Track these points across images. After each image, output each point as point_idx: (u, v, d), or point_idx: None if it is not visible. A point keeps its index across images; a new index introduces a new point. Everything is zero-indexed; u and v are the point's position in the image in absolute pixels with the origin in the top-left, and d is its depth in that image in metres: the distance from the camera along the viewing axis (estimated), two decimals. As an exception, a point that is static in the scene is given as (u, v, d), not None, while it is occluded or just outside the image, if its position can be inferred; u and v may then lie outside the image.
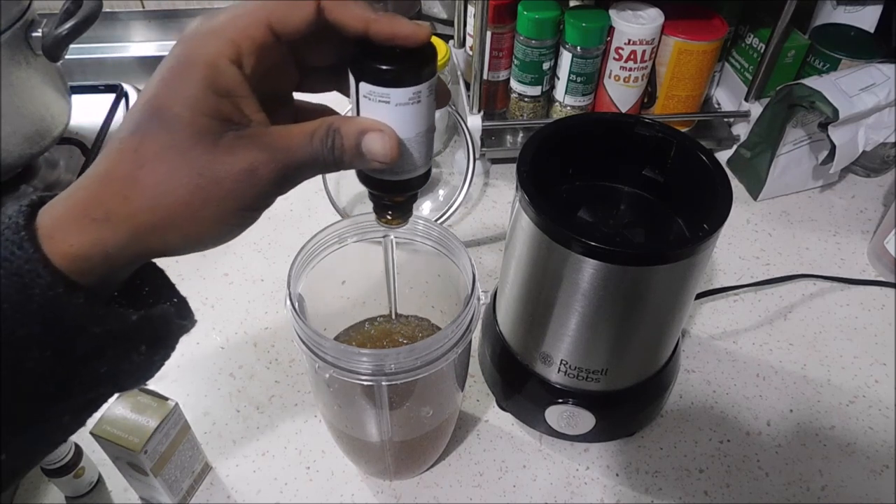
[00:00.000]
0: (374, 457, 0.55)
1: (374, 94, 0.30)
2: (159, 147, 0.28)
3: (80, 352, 0.28)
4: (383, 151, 0.31)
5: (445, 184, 0.85)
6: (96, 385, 0.30)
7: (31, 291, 0.27)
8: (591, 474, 0.59)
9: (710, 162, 0.52)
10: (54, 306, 0.27)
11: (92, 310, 0.28)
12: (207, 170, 0.28)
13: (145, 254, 0.30)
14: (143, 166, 0.28)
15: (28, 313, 0.27)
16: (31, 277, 0.27)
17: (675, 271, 0.48)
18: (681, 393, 0.65)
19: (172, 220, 0.28)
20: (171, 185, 0.28)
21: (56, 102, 0.78)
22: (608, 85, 0.84)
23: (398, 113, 0.31)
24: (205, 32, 0.28)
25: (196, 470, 0.57)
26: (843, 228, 0.83)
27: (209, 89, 0.28)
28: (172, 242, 0.29)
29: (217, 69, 0.28)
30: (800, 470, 0.60)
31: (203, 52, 0.28)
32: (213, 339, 0.69)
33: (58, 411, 0.29)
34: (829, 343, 0.70)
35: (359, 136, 0.30)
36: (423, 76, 0.30)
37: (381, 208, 0.37)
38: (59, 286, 0.27)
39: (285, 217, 0.81)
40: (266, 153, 0.29)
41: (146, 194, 0.28)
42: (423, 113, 0.31)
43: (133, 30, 1.03)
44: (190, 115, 0.27)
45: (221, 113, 0.28)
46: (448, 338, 0.44)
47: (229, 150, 0.28)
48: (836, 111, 0.73)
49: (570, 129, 0.56)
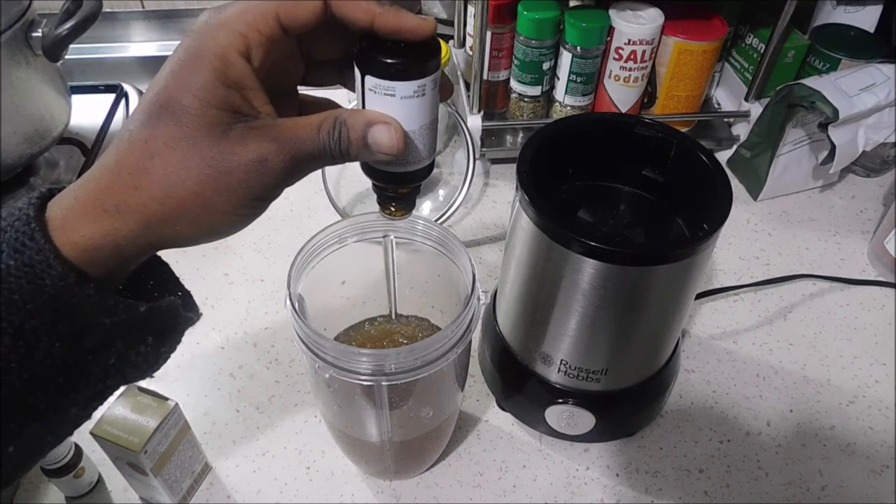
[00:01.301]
0: (374, 457, 0.55)
1: (380, 87, 0.30)
2: (170, 138, 0.28)
3: (90, 343, 0.28)
4: (389, 143, 0.31)
5: (445, 184, 0.85)
6: (105, 377, 0.30)
7: (42, 282, 0.27)
8: (591, 474, 0.59)
9: (710, 162, 0.52)
10: (65, 297, 0.27)
11: (102, 301, 0.28)
12: (218, 160, 0.28)
13: (156, 244, 0.30)
14: (153, 157, 0.28)
15: (39, 304, 0.27)
16: (42, 268, 0.27)
17: (675, 271, 0.48)
18: (681, 393, 0.65)
19: (183, 210, 0.29)
20: (182, 175, 0.28)
21: (56, 102, 0.78)
22: (608, 85, 0.84)
23: (403, 106, 0.31)
24: (214, 25, 0.28)
25: (196, 470, 0.57)
26: (843, 228, 0.83)
27: (219, 81, 0.28)
28: (183, 232, 0.30)
29: (226, 61, 0.28)
30: (800, 470, 0.60)
31: (212, 45, 0.28)
32: (213, 339, 0.69)
33: (66, 403, 0.29)
34: (829, 343, 0.70)
35: (365, 129, 0.31)
36: (428, 70, 0.31)
37: (385, 200, 0.37)
38: (69, 277, 0.27)
39: (285, 217, 0.81)
40: (276, 144, 0.29)
41: (157, 185, 0.28)
42: (427, 106, 0.32)
43: (133, 30, 1.03)
44: (200, 107, 0.28)
45: (231, 105, 0.28)
46: (448, 338, 0.44)
47: (239, 141, 0.28)
48: (836, 111, 0.73)
49: (570, 129, 0.56)
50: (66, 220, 0.28)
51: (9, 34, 0.68)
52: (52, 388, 0.28)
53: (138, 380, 0.33)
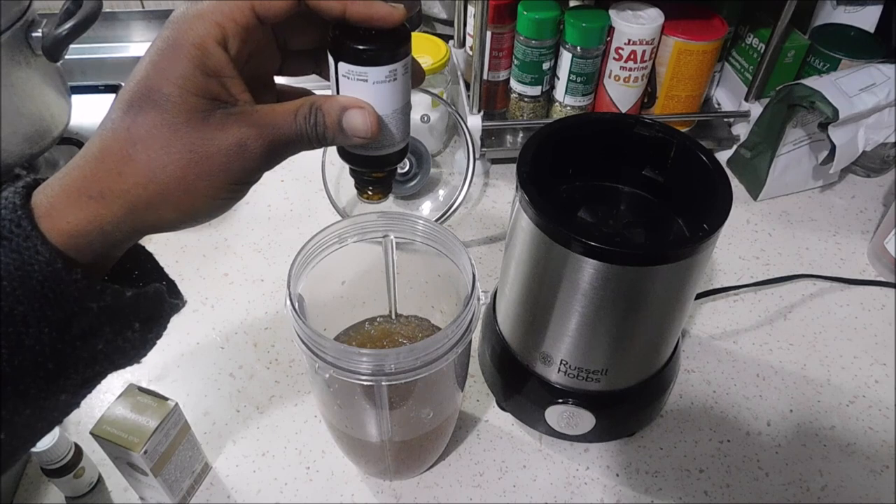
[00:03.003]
0: (374, 457, 0.55)
1: (353, 73, 0.32)
2: (151, 125, 0.29)
3: (78, 328, 0.29)
4: (364, 127, 0.32)
5: (445, 184, 0.85)
6: (93, 362, 0.31)
7: (31, 268, 0.27)
8: (591, 474, 0.59)
9: (710, 162, 0.52)
10: (53, 282, 0.28)
11: (90, 286, 0.29)
12: (199, 145, 0.29)
13: (141, 229, 0.31)
14: (136, 144, 0.29)
15: (28, 290, 0.27)
16: (30, 254, 0.27)
17: (675, 271, 0.48)
18: (681, 393, 0.65)
19: (166, 194, 0.30)
20: (164, 160, 0.29)
21: (56, 102, 0.78)
22: (608, 85, 0.84)
23: (376, 90, 0.32)
24: (192, 16, 0.29)
25: (196, 470, 0.57)
26: (843, 228, 0.83)
27: (198, 70, 0.29)
28: (167, 217, 0.30)
29: (205, 50, 0.29)
30: (800, 470, 0.60)
31: (190, 35, 0.29)
32: (213, 339, 0.69)
33: (56, 389, 0.30)
34: (829, 343, 0.70)
35: (340, 113, 0.32)
36: (398, 55, 0.32)
37: (363, 184, 0.38)
38: (57, 262, 0.28)
39: (285, 217, 0.81)
40: (254, 129, 0.30)
41: (140, 170, 0.29)
42: (399, 90, 0.33)
43: (133, 30, 1.03)
44: (180, 95, 0.29)
45: (210, 92, 0.29)
46: (448, 338, 0.44)
47: (219, 127, 0.29)
48: (836, 111, 0.73)
49: (570, 129, 0.56)
50: (52, 207, 0.29)
51: (9, 34, 0.68)
52: (41, 374, 0.29)
53: (125, 366, 0.33)
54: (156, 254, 0.36)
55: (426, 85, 0.81)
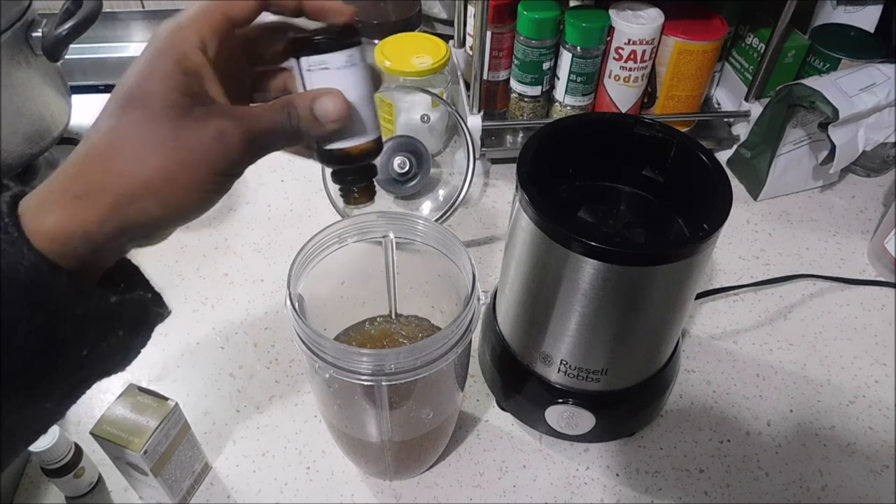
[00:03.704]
0: (374, 457, 0.55)
1: (314, 63, 0.34)
2: (135, 121, 0.30)
3: (63, 334, 0.29)
4: (335, 109, 0.34)
5: (445, 184, 0.85)
6: (79, 368, 0.31)
7: (17, 272, 0.28)
8: (591, 474, 0.59)
9: (710, 162, 0.52)
10: (39, 286, 0.28)
11: (75, 290, 0.29)
12: (180, 137, 0.30)
13: (125, 229, 0.31)
14: (120, 139, 0.30)
15: (14, 294, 0.28)
16: (16, 258, 0.28)
17: (675, 271, 0.49)
18: (681, 393, 0.65)
19: (149, 186, 0.30)
20: (146, 152, 0.30)
21: (56, 102, 0.78)
22: (608, 85, 0.84)
23: (339, 76, 0.35)
24: (173, 29, 0.32)
25: (196, 470, 0.57)
26: (843, 228, 0.83)
27: (179, 69, 0.31)
28: (151, 211, 0.31)
29: (185, 54, 0.31)
30: (800, 470, 0.60)
31: (173, 42, 0.31)
32: (213, 339, 0.69)
33: (41, 395, 0.30)
34: (829, 343, 0.70)
35: (311, 102, 0.34)
36: (352, 42, 0.35)
37: (345, 183, 0.39)
38: (43, 266, 0.28)
39: (285, 217, 0.81)
40: (233, 120, 0.32)
41: (123, 163, 0.30)
42: (360, 76, 0.35)
43: (133, 30, 1.03)
44: (163, 91, 0.30)
45: (190, 89, 0.31)
46: (448, 338, 0.44)
47: (200, 120, 0.31)
48: (836, 111, 0.73)
49: (570, 129, 0.56)
50: (38, 209, 0.30)
51: (9, 34, 0.68)
52: (27, 380, 0.29)
53: (113, 372, 0.34)
54: (156, 253, 0.36)
55: (426, 85, 0.81)
